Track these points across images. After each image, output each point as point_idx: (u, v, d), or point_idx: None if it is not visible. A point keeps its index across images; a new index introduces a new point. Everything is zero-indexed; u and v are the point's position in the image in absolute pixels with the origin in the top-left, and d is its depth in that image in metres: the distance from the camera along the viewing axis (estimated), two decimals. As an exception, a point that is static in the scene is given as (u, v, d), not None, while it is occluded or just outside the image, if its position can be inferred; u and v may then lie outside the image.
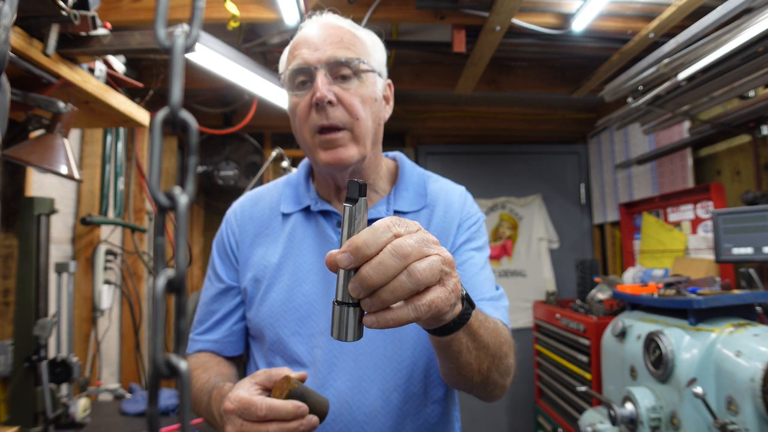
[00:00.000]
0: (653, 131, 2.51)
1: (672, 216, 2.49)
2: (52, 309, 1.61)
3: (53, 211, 1.48)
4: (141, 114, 1.55)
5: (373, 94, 0.89)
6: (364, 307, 0.50)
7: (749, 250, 1.67)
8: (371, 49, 0.91)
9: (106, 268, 2.19)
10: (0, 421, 1.38)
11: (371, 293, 0.48)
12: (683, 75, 1.83)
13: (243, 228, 0.99)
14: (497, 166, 3.39)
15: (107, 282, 2.20)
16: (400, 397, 0.85)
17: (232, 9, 1.61)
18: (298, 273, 0.91)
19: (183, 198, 0.30)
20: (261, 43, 2.06)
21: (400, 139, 3.32)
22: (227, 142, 2.92)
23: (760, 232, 1.65)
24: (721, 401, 1.24)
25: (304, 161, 1.05)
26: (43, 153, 1.18)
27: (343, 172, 0.90)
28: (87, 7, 1.06)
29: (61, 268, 1.67)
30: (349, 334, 0.50)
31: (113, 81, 1.41)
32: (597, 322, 2.10)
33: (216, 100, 2.85)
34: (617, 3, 1.82)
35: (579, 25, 1.87)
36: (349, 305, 0.50)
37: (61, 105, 1.19)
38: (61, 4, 0.99)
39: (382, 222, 0.50)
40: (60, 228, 2.01)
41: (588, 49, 2.15)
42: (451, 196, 0.99)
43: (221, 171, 2.88)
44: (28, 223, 1.41)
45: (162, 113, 0.30)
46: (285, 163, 2.22)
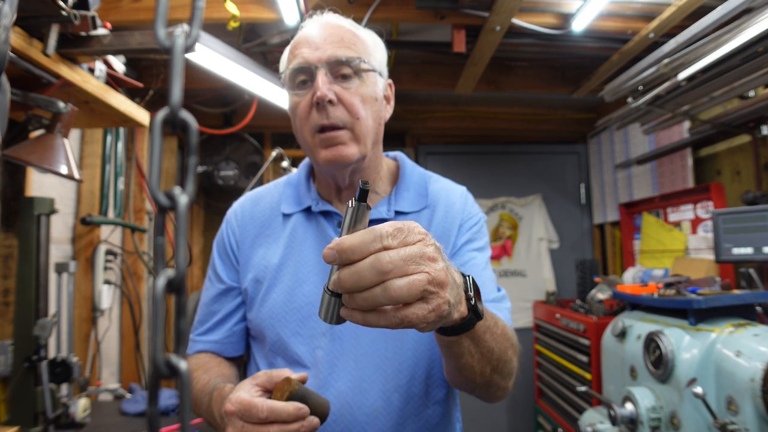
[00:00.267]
0: (653, 131, 2.51)
1: (672, 216, 2.49)
2: (52, 309, 1.61)
3: (53, 211, 1.48)
4: (141, 114, 1.55)
5: (374, 93, 0.89)
6: (343, 300, 0.53)
7: (749, 250, 1.67)
8: (372, 49, 0.91)
9: (106, 268, 2.19)
10: (0, 421, 1.38)
11: (348, 293, 0.51)
12: (683, 75, 1.83)
13: (243, 228, 0.99)
14: (497, 166, 3.39)
15: (107, 282, 2.20)
16: (401, 398, 0.85)
17: (232, 9, 1.61)
18: (298, 273, 0.91)
19: (183, 198, 0.30)
20: (261, 43, 2.06)
21: (400, 139, 3.32)
22: (227, 142, 2.92)
23: (760, 232, 1.65)
24: (721, 401, 1.24)
25: (304, 161, 1.05)
26: (43, 153, 1.18)
27: (344, 170, 0.89)
28: (87, 7, 1.06)
29: (61, 268, 1.67)
30: (331, 318, 0.55)
31: (113, 81, 1.41)
32: (597, 322, 2.10)
33: (216, 100, 2.85)
34: (617, 3, 1.82)
35: (579, 25, 1.87)
36: (333, 294, 0.54)
37: (61, 105, 1.19)
38: (61, 4, 0.99)
39: (379, 229, 0.50)
40: (60, 228, 2.01)
41: (588, 49, 2.15)
42: (452, 196, 0.99)
43: (221, 171, 2.88)
44: (28, 223, 1.41)
45: (162, 113, 0.30)
46: (285, 163, 2.22)
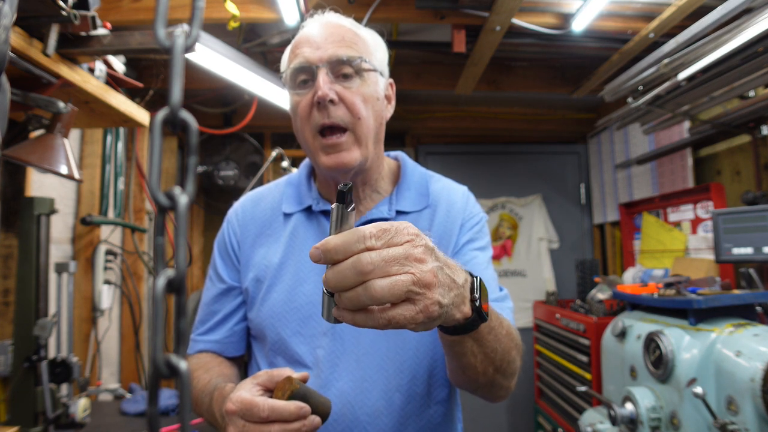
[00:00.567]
0: (653, 131, 2.51)
1: (672, 216, 2.49)
2: (52, 309, 1.61)
3: (53, 211, 1.48)
4: (141, 114, 1.55)
5: (375, 93, 0.89)
6: (335, 301, 0.54)
7: (749, 250, 1.67)
8: (373, 48, 0.91)
9: (106, 268, 2.19)
10: (0, 421, 1.38)
11: (336, 292, 0.52)
12: (683, 75, 1.83)
13: (244, 228, 0.99)
14: (497, 166, 3.39)
15: (107, 282, 2.20)
16: (402, 398, 0.85)
17: (232, 9, 1.61)
18: (299, 273, 0.91)
19: (183, 198, 0.30)
20: (261, 43, 2.06)
21: (400, 139, 3.32)
22: (227, 142, 2.92)
23: (760, 232, 1.65)
24: (721, 401, 1.24)
25: (305, 161, 1.05)
26: (43, 153, 1.18)
27: (345, 174, 0.89)
28: (87, 7, 1.06)
29: (61, 268, 1.67)
30: (326, 316, 0.57)
31: (113, 81, 1.40)
32: (597, 322, 2.10)
33: (216, 100, 2.85)
34: (617, 3, 1.82)
35: (579, 25, 1.87)
36: (329, 294, 0.56)
37: (61, 105, 1.19)
38: (61, 4, 0.99)
39: (362, 230, 0.51)
40: (60, 228, 2.01)
41: (588, 49, 2.15)
42: (454, 195, 0.99)
43: (221, 171, 2.88)
44: (28, 223, 1.41)
45: (162, 113, 0.30)
46: (285, 163, 2.22)
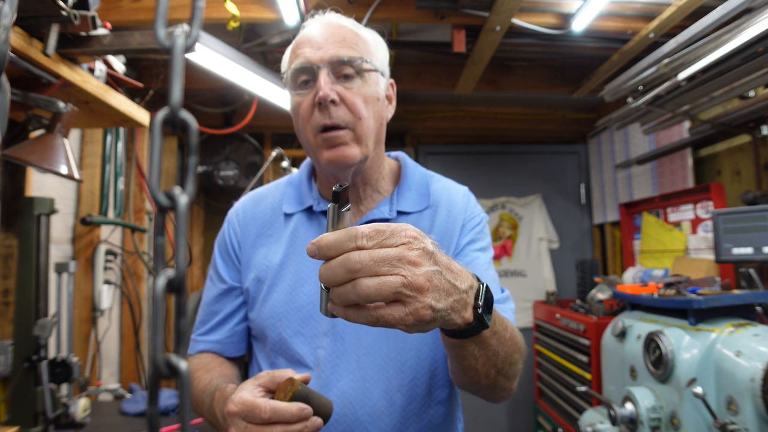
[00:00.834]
0: (653, 131, 2.51)
1: (672, 216, 2.49)
2: (52, 309, 1.61)
3: (53, 211, 1.48)
4: (141, 114, 1.55)
5: (376, 93, 0.89)
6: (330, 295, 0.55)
7: (749, 250, 1.67)
8: (374, 49, 0.91)
9: (106, 268, 2.19)
10: (0, 421, 1.38)
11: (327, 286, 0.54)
12: (683, 75, 1.83)
13: (245, 228, 0.99)
14: (497, 166, 3.39)
15: (107, 282, 2.20)
16: (403, 398, 0.85)
17: (232, 9, 1.61)
18: (300, 273, 0.91)
19: (183, 198, 0.30)
20: (261, 43, 2.06)
21: (400, 139, 3.32)
22: (227, 142, 2.92)
23: (760, 232, 1.65)
24: (721, 401, 1.24)
25: (306, 161, 1.05)
26: (43, 153, 1.18)
27: (346, 171, 0.89)
28: (87, 7, 1.06)
29: (61, 268, 1.67)
30: (323, 310, 0.57)
31: (113, 81, 1.41)
32: (597, 322, 2.10)
33: (216, 100, 2.85)
34: (617, 3, 1.82)
35: (579, 25, 1.87)
36: (326, 288, 0.56)
37: (61, 105, 1.19)
38: (61, 4, 0.99)
39: (355, 230, 0.52)
40: (60, 228, 2.01)
41: (588, 49, 2.15)
42: (454, 196, 0.99)
43: (221, 171, 2.88)
44: (28, 223, 1.41)
45: (162, 113, 0.30)
46: (285, 163, 2.22)
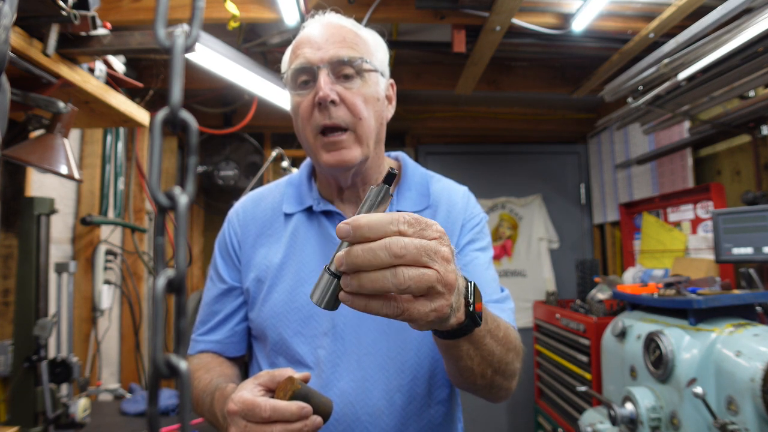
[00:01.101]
0: (653, 131, 2.51)
1: (672, 216, 2.49)
2: (52, 309, 1.61)
3: (53, 211, 1.48)
4: (141, 114, 1.55)
5: (376, 93, 0.89)
6: (342, 284, 0.50)
7: (749, 250, 1.67)
8: (374, 49, 0.91)
9: (106, 268, 2.19)
10: (0, 421, 1.38)
11: (354, 272, 0.49)
12: (683, 75, 1.83)
13: (245, 228, 0.99)
14: (497, 166, 3.39)
15: (107, 282, 2.20)
16: (403, 398, 0.85)
17: (232, 9, 1.61)
18: (300, 273, 0.91)
19: (183, 198, 0.30)
20: (261, 43, 2.06)
21: (400, 139, 3.32)
22: (227, 142, 2.92)
23: (760, 232, 1.65)
24: (721, 401, 1.24)
25: (306, 161, 1.05)
26: (43, 153, 1.18)
27: (346, 173, 0.89)
28: (87, 7, 1.06)
29: (61, 268, 1.67)
30: (324, 301, 0.52)
31: (113, 81, 1.41)
32: (597, 322, 2.10)
33: (216, 100, 2.85)
34: (617, 3, 1.82)
35: (579, 25, 1.87)
36: (334, 275, 0.52)
37: (61, 105, 1.19)
38: (61, 4, 0.99)
39: (398, 215, 0.50)
40: (60, 228, 2.01)
41: (588, 49, 2.15)
42: (454, 196, 0.99)
43: (221, 171, 2.88)
44: (28, 223, 1.41)
45: (162, 113, 0.31)
46: (285, 163, 2.22)
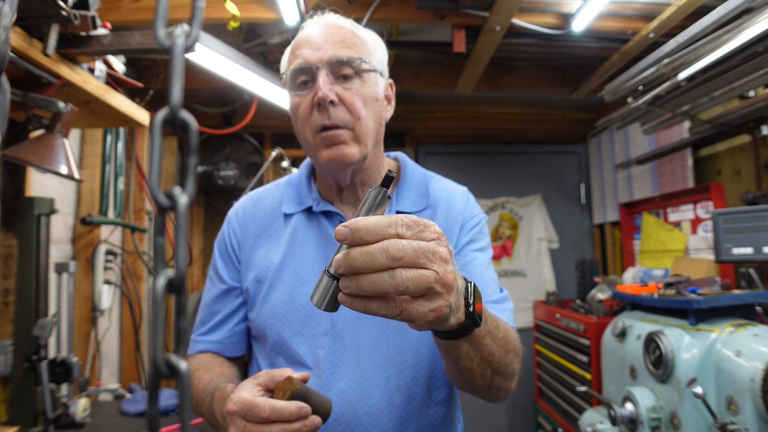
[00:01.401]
0: (653, 131, 2.51)
1: (672, 216, 2.49)
2: (52, 309, 1.61)
3: (53, 211, 1.48)
4: (141, 114, 1.55)
5: (375, 93, 0.89)
6: (341, 286, 0.51)
7: (749, 250, 1.67)
8: (373, 49, 0.91)
9: (106, 268, 2.19)
10: (0, 421, 1.38)
11: (353, 275, 0.50)
12: (683, 75, 1.83)
13: (245, 228, 0.99)
14: (497, 166, 3.39)
15: (107, 282, 2.20)
16: (403, 398, 0.85)
17: (232, 9, 1.61)
18: (300, 273, 0.91)
19: (183, 198, 0.30)
20: (261, 43, 2.06)
21: (400, 139, 3.32)
22: (227, 142, 2.92)
23: (760, 232, 1.65)
24: (721, 401, 1.24)
25: (305, 161, 1.05)
26: (43, 153, 1.18)
27: (345, 170, 0.89)
28: (87, 7, 1.06)
29: (61, 268, 1.67)
30: (324, 303, 0.53)
31: (113, 81, 1.41)
32: (597, 322, 2.10)
33: (216, 100, 2.85)
34: (617, 3, 1.82)
35: (579, 25, 1.87)
36: (333, 277, 0.53)
37: (61, 105, 1.19)
38: (61, 4, 0.99)
39: (396, 218, 0.50)
40: (60, 228, 2.01)
41: (588, 49, 2.15)
42: (454, 196, 0.99)
43: (221, 171, 2.88)
44: (28, 223, 1.41)
45: (162, 113, 0.31)
46: (285, 163, 2.22)
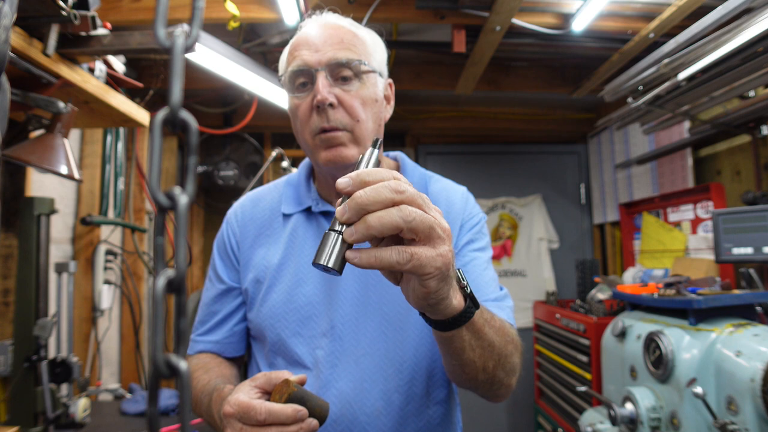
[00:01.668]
0: (653, 131, 2.51)
1: (672, 216, 2.49)
2: (52, 309, 1.61)
3: (53, 211, 1.48)
4: (141, 114, 1.55)
5: (374, 94, 0.89)
6: (346, 236, 0.50)
7: (749, 250, 1.67)
8: (372, 49, 0.91)
9: (106, 268, 2.19)
10: (0, 421, 1.38)
11: (359, 218, 0.49)
12: (683, 75, 1.83)
13: (244, 228, 0.99)
14: (497, 166, 3.39)
15: (107, 282, 2.20)
16: (402, 398, 0.85)
17: (232, 9, 1.62)
18: (299, 274, 0.91)
19: (183, 198, 0.30)
20: (261, 43, 2.06)
21: (400, 139, 3.32)
22: (227, 142, 2.92)
23: (760, 232, 1.65)
24: (721, 401, 1.24)
25: (304, 161, 1.05)
26: (43, 153, 1.18)
27: (344, 171, 0.89)
28: (87, 7, 1.06)
29: (61, 268, 1.67)
30: (331, 260, 0.50)
31: (113, 81, 1.41)
32: (597, 322, 2.10)
33: (216, 100, 2.85)
34: (617, 3, 1.82)
35: (579, 25, 1.87)
36: (338, 232, 0.51)
37: (61, 105, 1.19)
38: (61, 4, 0.99)
39: (388, 170, 0.53)
40: (60, 228, 2.01)
41: (588, 49, 2.15)
42: (453, 196, 0.99)
43: (221, 171, 2.88)
44: (28, 223, 1.41)
45: (162, 113, 0.31)
46: (285, 163, 2.22)
